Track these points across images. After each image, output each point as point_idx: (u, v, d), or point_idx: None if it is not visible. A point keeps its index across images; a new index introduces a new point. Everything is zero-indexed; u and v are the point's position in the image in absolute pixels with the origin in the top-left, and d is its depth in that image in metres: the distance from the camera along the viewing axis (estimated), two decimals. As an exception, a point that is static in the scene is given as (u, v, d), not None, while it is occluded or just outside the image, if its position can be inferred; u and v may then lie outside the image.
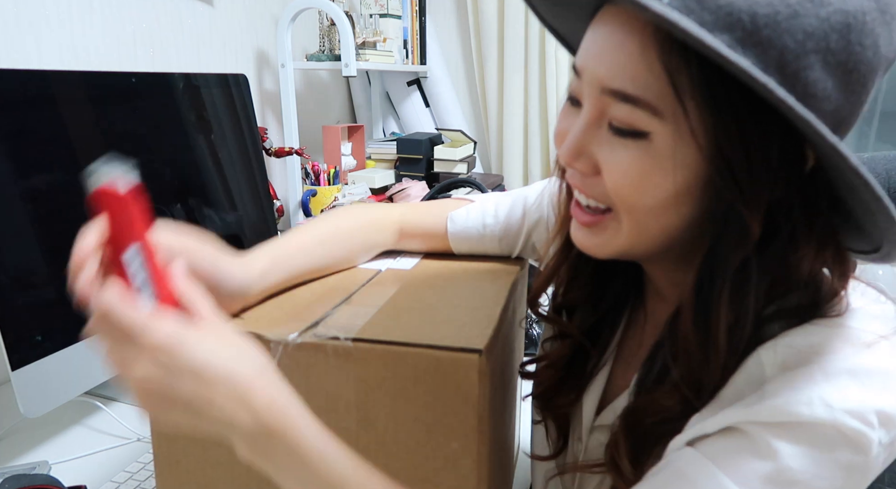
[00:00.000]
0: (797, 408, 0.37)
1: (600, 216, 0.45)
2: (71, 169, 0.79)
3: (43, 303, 0.76)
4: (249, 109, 1.14)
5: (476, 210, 0.67)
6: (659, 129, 0.39)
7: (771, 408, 0.37)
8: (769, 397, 0.38)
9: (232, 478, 0.51)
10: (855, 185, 0.35)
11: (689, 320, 0.42)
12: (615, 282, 0.56)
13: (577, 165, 0.44)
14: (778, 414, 0.37)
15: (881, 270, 1.90)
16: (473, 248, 0.67)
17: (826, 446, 0.37)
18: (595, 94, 0.41)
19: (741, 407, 0.39)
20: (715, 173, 0.39)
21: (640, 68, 0.38)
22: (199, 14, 1.43)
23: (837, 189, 0.38)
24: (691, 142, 0.38)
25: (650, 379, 0.47)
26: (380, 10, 1.86)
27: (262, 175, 1.17)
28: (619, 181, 0.41)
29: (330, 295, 0.56)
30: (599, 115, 0.42)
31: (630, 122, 0.39)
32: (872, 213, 0.36)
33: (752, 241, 0.39)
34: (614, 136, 0.41)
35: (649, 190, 0.41)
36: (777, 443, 0.37)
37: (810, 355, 0.39)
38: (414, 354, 0.45)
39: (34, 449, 0.82)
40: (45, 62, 1.06)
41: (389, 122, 2.27)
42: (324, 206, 1.60)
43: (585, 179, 0.44)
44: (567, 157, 0.44)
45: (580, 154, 0.43)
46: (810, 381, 0.37)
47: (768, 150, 0.37)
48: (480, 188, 1.41)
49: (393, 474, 0.47)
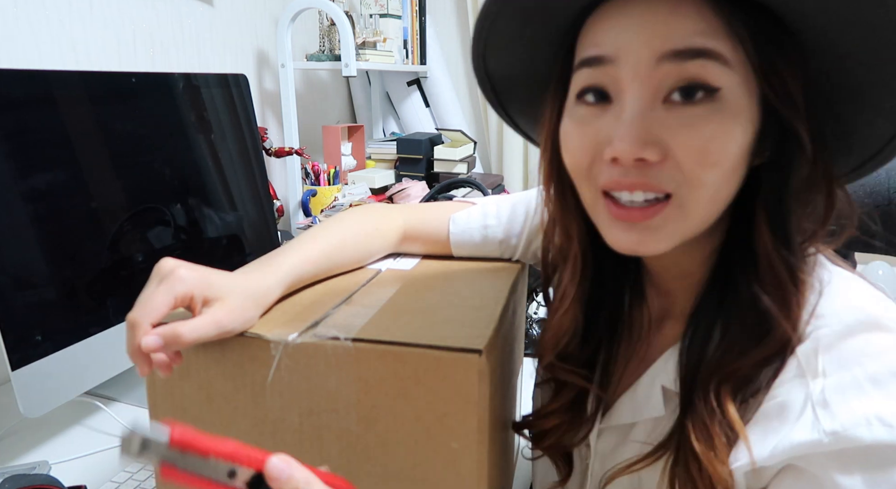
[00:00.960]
0: (857, 433, 0.37)
1: (660, 205, 0.41)
2: (71, 169, 0.79)
3: (43, 304, 0.76)
4: (249, 109, 1.14)
5: (477, 212, 0.66)
6: (729, 82, 0.39)
7: (831, 436, 0.37)
8: (823, 419, 0.38)
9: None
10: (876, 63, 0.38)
11: (774, 251, 0.42)
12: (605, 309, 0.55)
13: (646, 153, 0.39)
14: (837, 441, 0.37)
15: (881, 270, 1.90)
16: (474, 251, 0.67)
17: (887, 466, 0.37)
18: (647, 67, 0.39)
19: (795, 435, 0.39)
20: (773, 97, 0.40)
21: (702, 23, 0.38)
22: (199, 14, 1.43)
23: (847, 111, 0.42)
24: (749, 89, 0.40)
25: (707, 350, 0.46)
26: (380, 10, 1.86)
27: (262, 175, 1.17)
28: (700, 151, 0.39)
29: (330, 295, 0.56)
30: (656, 90, 0.40)
31: (703, 77, 0.38)
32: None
33: (811, 158, 0.41)
34: (682, 105, 0.39)
35: (724, 154, 0.40)
36: (840, 478, 0.37)
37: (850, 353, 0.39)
38: (414, 354, 0.45)
39: (34, 449, 0.82)
40: (45, 62, 1.06)
41: (389, 122, 2.27)
42: (324, 206, 1.60)
43: (647, 170, 0.40)
44: (635, 146, 0.39)
45: (647, 139, 0.39)
46: (861, 392, 0.38)
47: (804, 76, 0.40)
48: (480, 188, 1.40)
49: (393, 474, 0.47)
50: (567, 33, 0.45)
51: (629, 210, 0.42)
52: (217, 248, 1.04)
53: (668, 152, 0.40)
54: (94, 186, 0.82)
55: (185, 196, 0.98)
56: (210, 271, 0.47)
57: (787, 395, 0.40)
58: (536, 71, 0.50)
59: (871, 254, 1.02)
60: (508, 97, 0.55)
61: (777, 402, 0.41)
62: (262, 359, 0.47)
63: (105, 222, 0.84)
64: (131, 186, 0.88)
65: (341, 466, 0.48)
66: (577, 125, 0.44)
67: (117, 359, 0.86)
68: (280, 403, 0.48)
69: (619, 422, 0.53)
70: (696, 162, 0.39)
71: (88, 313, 0.81)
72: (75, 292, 0.79)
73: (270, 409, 0.48)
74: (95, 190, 0.82)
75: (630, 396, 0.52)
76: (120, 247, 0.85)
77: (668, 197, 0.41)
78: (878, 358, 0.39)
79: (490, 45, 0.49)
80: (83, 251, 0.81)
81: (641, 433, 0.51)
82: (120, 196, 0.86)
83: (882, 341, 0.39)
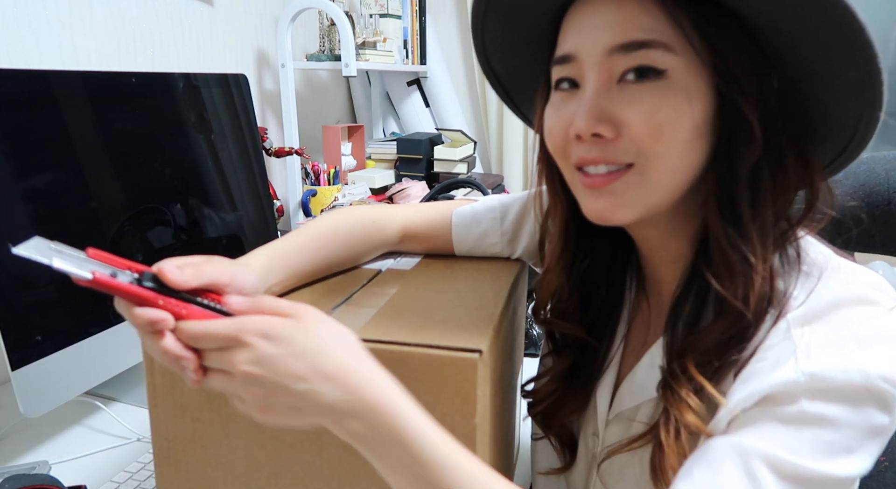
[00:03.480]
0: (833, 373, 0.39)
1: (621, 172, 0.46)
2: (71, 169, 0.79)
3: (43, 303, 0.76)
4: (249, 109, 1.14)
5: (480, 207, 0.68)
6: (673, 64, 0.43)
7: (808, 375, 0.39)
8: (802, 363, 0.40)
9: (232, 477, 0.51)
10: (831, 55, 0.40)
11: (723, 231, 0.45)
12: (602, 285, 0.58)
13: (600, 129, 0.44)
14: (812, 380, 0.39)
15: (881, 270, 1.90)
16: (475, 245, 0.67)
17: (855, 402, 0.39)
18: (600, 59, 0.44)
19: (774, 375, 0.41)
20: (722, 86, 0.43)
21: (645, 18, 0.43)
22: (199, 14, 1.43)
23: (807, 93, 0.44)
24: (700, 71, 0.43)
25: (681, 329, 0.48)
26: (380, 10, 1.86)
27: (262, 175, 1.18)
28: (650, 124, 0.43)
29: (330, 295, 0.56)
30: (608, 77, 0.45)
31: (647, 62, 0.43)
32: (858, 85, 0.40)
33: (759, 144, 0.43)
34: (633, 85, 0.44)
35: (676, 126, 0.43)
36: (809, 404, 0.39)
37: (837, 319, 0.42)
38: (414, 354, 0.45)
39: (34, 449, 0.82)
40: (45, 62, 1.06)
41: (389, 122, 2.27)
42: (324, 206, 1.61)
43: (605, 146, 0.45)
44: (589, 122, 0.44)
45: (601, 116, 0.44)
46: (843, 349, 0.40)
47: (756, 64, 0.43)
48: (480, 188, 1.41)
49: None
50: (548, 34, 0.50)
51: (594, 177, 0.47)
52: (217, 248, 1.04)
53: (623, 127, 0.44)
54: (94, 186, 0.82)
55: (185, 196, 0.98)
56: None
57: (775, 356, 0.42)
58: (532, 69, 0.54)
59: (871, 254, 1.02)
60: (518, 94, 0.61)
61: (765, 363, 0.43)
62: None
63: (105, 222, 0.84)
64: (131, 186, 0.88)
65: (341, 466, 0.48)
66: (553, 110, 0.49)
67: (117, 359, 0.86)
68: (280, 403, 0.48)
69: (622, 408, 0.54)
70: (647, 134, 0.44)
71: (88, 313, 0.81)
72: (75, 292, 0.79)
73: (270, 409, 0.48)
74: (95, 190, 0.82)
75: (630, 381, 0.54)
76: (120, 247, 0.85)
77: (629, 166, 0.46)
78: (863, 323, 0.42)
79: (488, 46, 0.56)
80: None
81: (645, 416, 0.52)
82: (120, 196, 0.86)
83: (869, 311, 0.42)
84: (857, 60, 0.39)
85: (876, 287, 0.44)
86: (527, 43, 0.54)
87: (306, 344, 0.38)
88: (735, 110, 0.43)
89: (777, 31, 0.42)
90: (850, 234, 0.59)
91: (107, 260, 0.39)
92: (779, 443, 0.39)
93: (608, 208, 0.47)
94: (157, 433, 0.52)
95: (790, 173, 0.45)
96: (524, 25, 0.52)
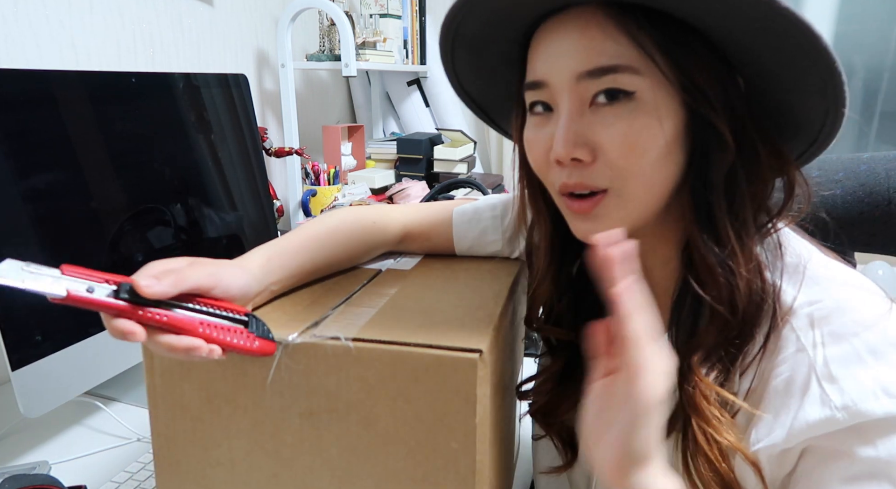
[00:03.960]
0: (867, 406, 0.40)
1: (600, 196, 0.47)
2: (71, 169, 0.79)
3: (43, 304, 0.75)
4: (249, 109, 1.14)
5: (482, 204, 0.68)
6: (641, 86, 0.44)
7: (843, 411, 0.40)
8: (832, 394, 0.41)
9: (232, 477, 0.51)
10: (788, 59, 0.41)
11: (700, 239, 0.46)
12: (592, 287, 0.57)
13: (577, 153, 0.45)
14: (851, 417, 0.40)
15: (881, 270, 1.90)
16: (476, 243, 0.67)
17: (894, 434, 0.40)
18: (570, 85, 0.46)
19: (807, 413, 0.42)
20: (692, 102, 0.44)
21: (608, 44, 0.44)
22: (199, 14, 1.43)
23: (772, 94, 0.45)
24: (668, 89, 0.44)
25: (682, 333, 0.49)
26: (380, 10, 1.86)
27: (262, 175, 1.18)
28: (622, 145, 0.45)
29: (330, 295, 0.56)
30: (580, 102, 0.46)
31: (615, 85, 0.44)
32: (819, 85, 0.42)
33: (732, 151, 0.45)
34: (604, 108, 0.45)
35: (648, 147, 0.45)
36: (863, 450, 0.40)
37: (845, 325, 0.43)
38: (414, 354, 0.45)
39: (34, 449, 0.82)
40: (45, 62, 1.06)
41: (389, 122, 2.27)
42: (324, 206, 1.61)
43: (583, 170, 0.46)
44: (567, 148, 0.45)
45: (578, 141, 0.46)
46: (863, 364, 0.41)
47: (720, 76, 0.44)
48: (480, 188, 1.41)
49: (393, 474, 0.47)
50: (518, 58, 0.51)
51: (580, 201, 0.48)
52: (217, 248, 1.04)
53: (598, 150, 0.46)
54: (94, 186, 0.82)
55: (185, 196, 0.98)
56: None
57: (791, 371, 0.44)
58: (505, 91, 0.56)
59: (871, 255, 1.02)
60: (494, 111, 0.62)
61: (783, 379, 0.44)
62: (263, 359, 0.47)
63: (105, 222, 0.84)
64: (131, 186, 0.88)
65: (341, 466, 0.48)
66: (532, 133, 0.50)
67: (117, 359, 0.86)
68: (280, 403, 0.48)
69: None
70: (621, 155, 0.45)
71: (88, 313, 0.81)
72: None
73: (270, 409, 0.48)
74: (95, 190, 0.82)
75: None
76: (120, 247, 0.85)
77: (605, 191, 0.47)
78: (872, 328, 0.42)
79: (459, 72, 0.57)
80: (83, 251, 0.81)
81: None
82: (120, 196, 0.86)
83: (872, 312, 0.43)
84: (817, 66, 0.40)
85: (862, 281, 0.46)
86: (497, 67, 0.55)
87: None
88: (705, 122, 0.45)
89: (737, 43, 0.43)
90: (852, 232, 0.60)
91: (83, 275, 0.39)
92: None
93: (595, 230, 0.47)
94: (157, 433, 0.52)
95: (764, 168, 0.46)
96: (493, 53, 0.53)
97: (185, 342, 0.41)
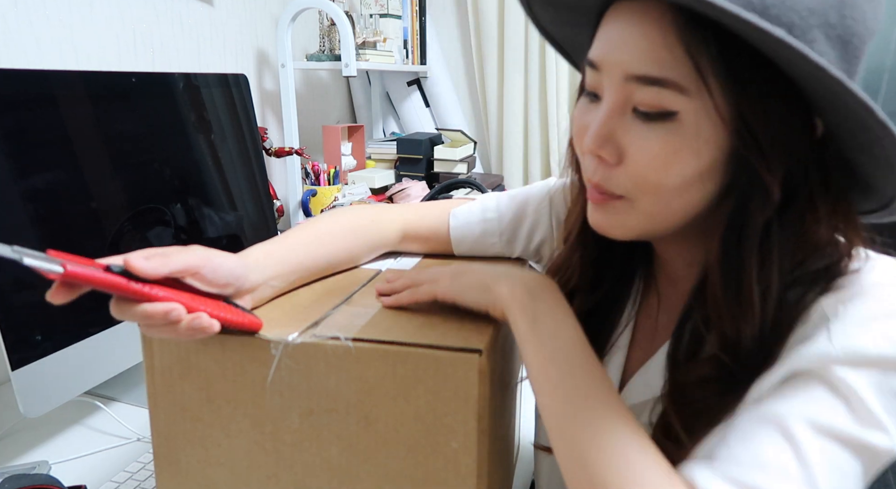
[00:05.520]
0: (863, 343, 0.39)
1: (612, 199, 0.46)
2: (71, 169, 0.79)
3: (43, 304, 0.75)
4: (249, 109, 1.14)
5: (477, 206, 0.67)
6: (685, 108, 0.41)
7: (839, 347, 0.39)
8: (834, 335, 0.39)
9: (232, 477, 0.51)
10: (872, 138, 0.38)
11: (719, 285, 0.44)
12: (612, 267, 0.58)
13: (602, 152, 0.44)
14: (845, 350, 0.39)
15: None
16: (474, 247, 0.67)
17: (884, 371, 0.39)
18: (618, 82, 0.43)
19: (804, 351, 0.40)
20: (739, 143, 0.41)
21: (663, 52, 0.40)
22: (199, 14, 1.43)
23: (848, 150, 0.41)
24: (715, 117, 0.40)
25: (681, 352, 0.49)
26: (380, 10, 1.86)
27: (262, 175, 1.18)
28: (647, 165, 0.43)
29: (330, 295, 0.56)
30: (623, 103, 0.43)
31: (657, 103, 0.41)
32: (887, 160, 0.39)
33: (774, 205, 0.41)
34: (641, 121, 0.43)
35: (676, 170, 0.42)
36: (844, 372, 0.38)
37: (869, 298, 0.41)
38: (414, 354, 0.45)
39: (34, 449, 0.82)
40: (45, 62, 1.06)
41: (389, 122, 2.27)
42: (324, 206, 1.61)
43: (606, 170, 0.45)
44: (593, 145, 0.44)
45: (606, 141, 0.44)
46: (874, 321, 0.40)
47: (785, 118, 0.40)
48: (480, 188, 1.41)
49: (393, 474, 0.47)
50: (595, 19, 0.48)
51: (593, 194, 0.48)
52: (217, 248, 1.04)
53: (624, 157, 0.44)
54: (94, 186, 0.82)
55: (185, 196, 0.98)
56: None
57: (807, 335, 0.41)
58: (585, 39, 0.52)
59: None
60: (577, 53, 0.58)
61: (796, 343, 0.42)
62: (263, 359, 0.47)
63: (105, 222, 0.84)
64: (131, 186, 0.88)
65: (341, 466, 0.48)
66: (578, 113, 0.49)
67: (117, 359, 0.86)
68: (280, 403, 0.48)
69: (632, 402, 0.54)
70: (644, 170, 0.43)
71: (88, 313, 0.81)
72: (75, 292, 0.79)
73: (270, 409, 0.48)
74: (95, 190, 0.82)
75: (642, 375, 0.54)
76: (120, 247, 0.85)
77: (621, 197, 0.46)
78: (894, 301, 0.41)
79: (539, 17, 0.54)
80: (83, 251, 0.80)
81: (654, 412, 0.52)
82: (120, 196, 0.86)
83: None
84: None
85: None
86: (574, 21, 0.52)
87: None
88: (751, 168, 0.41)
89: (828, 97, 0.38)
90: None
91: (70, 258, 0.39)
92: (814, 407, 0.38)
93: (603, 223, 0.48)
94: (157, 433, 0.52)
95: (819, 227, 0.42)
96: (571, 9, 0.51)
97: (161, 307, 0.40)
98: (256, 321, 0.48)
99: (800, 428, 0.38)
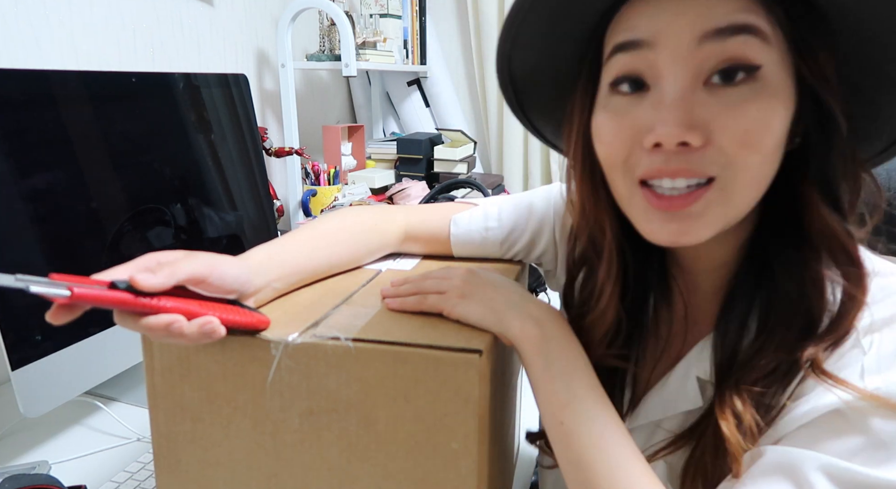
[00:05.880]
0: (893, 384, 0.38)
1: (702, 190, 0.41)
2: (71, 169, 0.79)
3: (43, 304, 0.75)
4: (249, 109, 1.14)
5: (478, 214, 0.66)
6: (768, 59, 0.39)
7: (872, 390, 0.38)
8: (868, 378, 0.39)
9: (232, 477, 0.51)
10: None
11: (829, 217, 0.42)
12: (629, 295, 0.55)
13: (689, 137, 0.39)
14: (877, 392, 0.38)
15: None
16: (475, 252, 0.67)
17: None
18: (687, 50, 0.39)
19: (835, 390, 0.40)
20: (809, 74, 0.40)
21: (740, 1, 0.39)
22: (199, 14, 1.43)
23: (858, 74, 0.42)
24: (789, 68, 0.40)
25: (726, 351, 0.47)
26: (380, 10, 1.86)
27: (262, 175, 1.18)
28: (742, 132, 0.39)
29: (330, 295, 0.56)
30: (696, 73, 0.40)
31: (744, 54, 0.39)
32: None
33: (843, 137, 0.41)
34: (722, 87, 0.39)
35: (771, 133, 0.40)
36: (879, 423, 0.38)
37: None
38: (414, 354, 0.45)
39: (34, 449, 0.82)
40: (45, 62, 1.06)
41: (389, 122, 2.27)
42: (324, 206, 1.61)
43: (690, 155, 0.40)
44: (679, 128, 0.39)
45: (691, 123, 0.39)
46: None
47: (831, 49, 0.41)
48: (480, 188, 1.40)
49: (393, 474, 0.47)
50: (595, 28, 0.46)
51: (670, 199, 0.42)
52: (217, 248, 1.04)
53: (711, 136, 0.40)
54: (94, 186, 0.82)
55: (185, 196, 0.98)
56: None
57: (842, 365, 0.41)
58: (562, 68, 0.50)
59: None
60: (529, 99, 0.56)
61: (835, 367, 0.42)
62: (263, 359, 0.47)
63: (105, 222, 0.84)
64: (131, 186, 0.88)
65: (341, 466, 0.48)
66: (612, 116, 0.44)
67: (117, 359, 0.86)
68: (280, 403, 0.48)
69: (647, 420, 0.53)
70: (739, 144, 0.39)
71: (88, 313, 0.81)
72: (75, 292, 0.79)
73: (270, 409, 0.48)
74: (95, 190, 0.82)
75: (659, 392, 0.52)
76: (120, 247, 0.85)
77: (710, 181, 0.41)
78: None
79: (517, 43, 0.49)
80: (83, 251, 0.81)
81: (672, 424, 0.51)
82: (120, 196, 0.86)
83: None
84: None
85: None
86: (567, 39, 0.48)
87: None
88: (821, 108, 0.41)
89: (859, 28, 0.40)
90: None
91: (72, 279, 0.39)
92: (833, 449, 0.38)
93: (683, 232, 0.42)
94: (157, 433, 0.52)
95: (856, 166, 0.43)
96: (571, 19, 0.46)
97: (164, 319, 0.40)
98: (265, 319, 0.48)
99: (816, 477, 0.38)
